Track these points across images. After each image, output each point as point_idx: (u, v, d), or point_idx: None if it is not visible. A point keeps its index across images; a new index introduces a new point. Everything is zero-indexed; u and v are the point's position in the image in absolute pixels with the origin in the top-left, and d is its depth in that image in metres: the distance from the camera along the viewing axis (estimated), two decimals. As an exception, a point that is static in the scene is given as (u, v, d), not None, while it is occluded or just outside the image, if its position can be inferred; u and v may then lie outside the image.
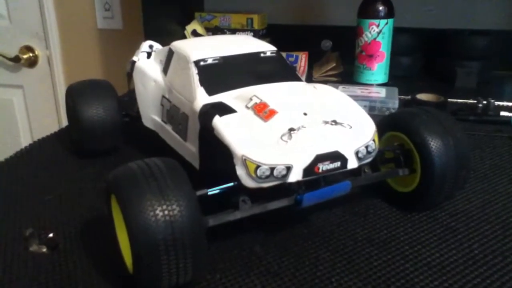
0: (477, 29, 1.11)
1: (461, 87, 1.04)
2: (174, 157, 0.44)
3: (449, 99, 0.93)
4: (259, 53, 0.62)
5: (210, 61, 0.58)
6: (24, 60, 1.44)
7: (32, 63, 1.46)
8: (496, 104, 0.88)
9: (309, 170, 0.47)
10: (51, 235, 0.52)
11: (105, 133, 0.69)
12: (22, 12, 1.41)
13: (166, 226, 0.38)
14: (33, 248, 0.50)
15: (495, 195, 0.61)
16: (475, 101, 0.89)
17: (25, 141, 1.51)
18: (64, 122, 0.81)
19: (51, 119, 1.49)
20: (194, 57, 0.58)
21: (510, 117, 0.85)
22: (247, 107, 0.52)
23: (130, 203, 0.39)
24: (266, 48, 0.63)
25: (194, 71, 0.57)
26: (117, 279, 0.46)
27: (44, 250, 0.50)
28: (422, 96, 0.93)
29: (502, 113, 0.87)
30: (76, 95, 0.69)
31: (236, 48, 0.61)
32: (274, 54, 0.63)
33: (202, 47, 0.62)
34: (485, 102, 0.88)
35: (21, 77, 1.49)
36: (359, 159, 0.50)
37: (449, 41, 1.11)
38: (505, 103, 0.92)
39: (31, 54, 1.45)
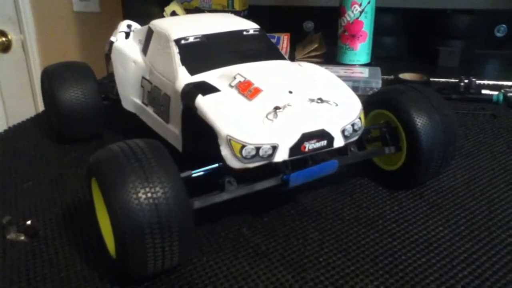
0: (459, 8, 1.11)
1: (444, 66, 1.04)
2: (157, 140, 0.43)
3: (432, 79, 0.93)
4: (242, 31, 0.60)
5: (191, 39, 0.57)
6: (-3, 45, 1.40)
7: (6, 48, 1.41)
8: (477, 83, 0.89)
9: (295, 149, 0.46)
10: (29, 222, 0.50)
11: (85, 118, 0.67)
12: (-7, -6, 1.36)
13: (151, 209, 0.37)
14: (10, 236, 0.48)
15: (480, 172, 0.61)
16: (457, 80, 0.89)
17: (0, 128, 1.46)
18: (41, 108, 0.78)
19: (27, 105, 1.45)
20: (175, 36, 0.57)
21: (491, 95, 0.85)
22: (230, 86, 0.50)
23: (112, 186, 0.37)
24: (249, 26, 0.61)
25: (175, 50, 0.56)
26: (101, 265, 0.44)
27: (23, 238, 0.48)
28: (405, 76, 0.93)
29: (484, 91, 0.87)
30: (53, 78, 0.67)
31: (218, 26, 0.60)
32: (257, 32, 0.61)
33: (183, 25, 0.60)
34: (467, 81, 0.88)
35: (-6, 63, 1.44)
36: (345, 137, 0.49)
37: (432, 20, 1.11)
38: (486, 82, 0.93)
39: (4, 39, 1.40)
